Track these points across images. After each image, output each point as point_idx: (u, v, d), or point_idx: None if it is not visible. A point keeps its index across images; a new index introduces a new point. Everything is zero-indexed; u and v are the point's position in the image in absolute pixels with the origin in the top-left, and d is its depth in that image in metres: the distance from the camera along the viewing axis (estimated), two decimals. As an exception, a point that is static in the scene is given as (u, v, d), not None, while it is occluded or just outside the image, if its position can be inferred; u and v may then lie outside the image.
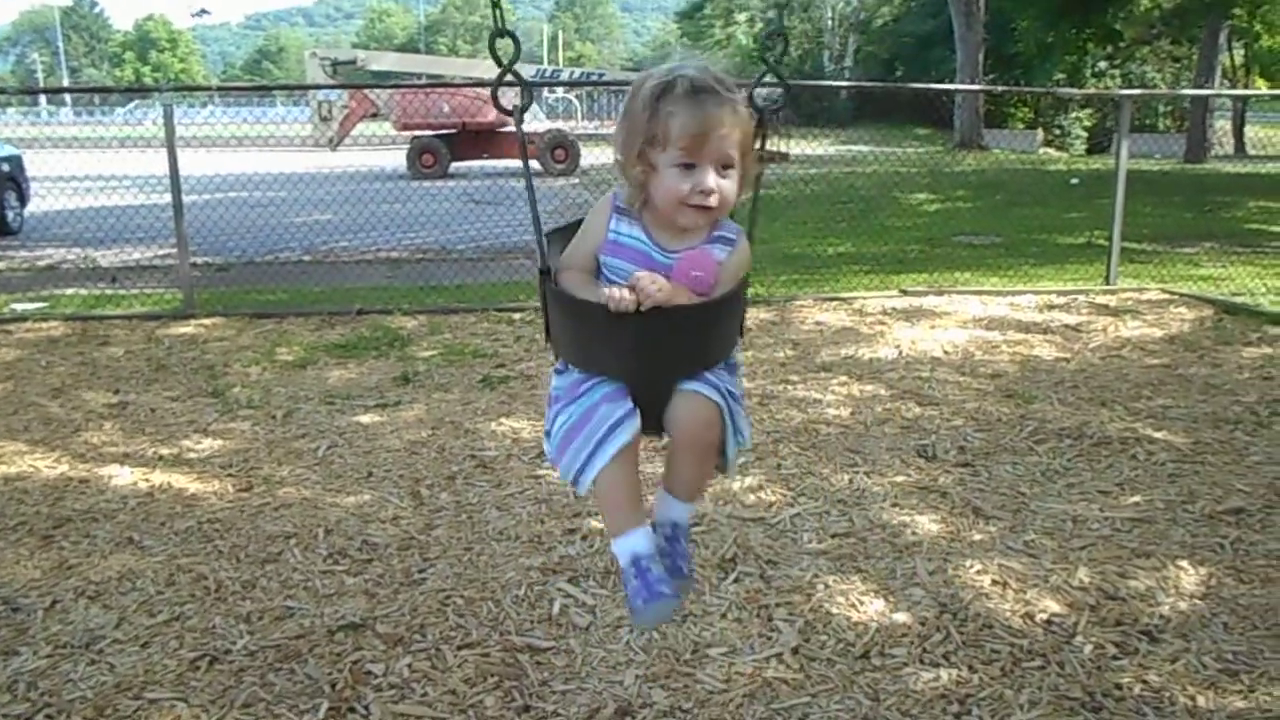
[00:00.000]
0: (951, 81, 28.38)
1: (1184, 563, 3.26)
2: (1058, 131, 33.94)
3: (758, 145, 1.87)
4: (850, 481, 3.99)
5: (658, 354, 1.79)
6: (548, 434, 1.91)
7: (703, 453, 1.89)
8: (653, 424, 1.86)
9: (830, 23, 53.28)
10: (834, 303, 7.52)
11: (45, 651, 2.81)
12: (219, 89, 17.44)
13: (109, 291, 8.58)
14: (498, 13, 1.93)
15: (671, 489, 1.96)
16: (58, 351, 6.22)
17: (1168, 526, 3.55)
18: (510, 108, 1.97)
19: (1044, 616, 2.94)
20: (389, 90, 24.41)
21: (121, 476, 4.13)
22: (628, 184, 1.83)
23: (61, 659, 2.78)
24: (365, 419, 4.83)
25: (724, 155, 1.76)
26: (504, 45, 1.90)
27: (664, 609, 1.84)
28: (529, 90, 2.09)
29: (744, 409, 1.94)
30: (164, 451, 4.43)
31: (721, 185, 1.77)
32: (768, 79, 2.06)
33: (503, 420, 4.78)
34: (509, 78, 1.92)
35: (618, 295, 1.71)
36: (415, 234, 12.05)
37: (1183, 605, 3.00)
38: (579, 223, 1.93)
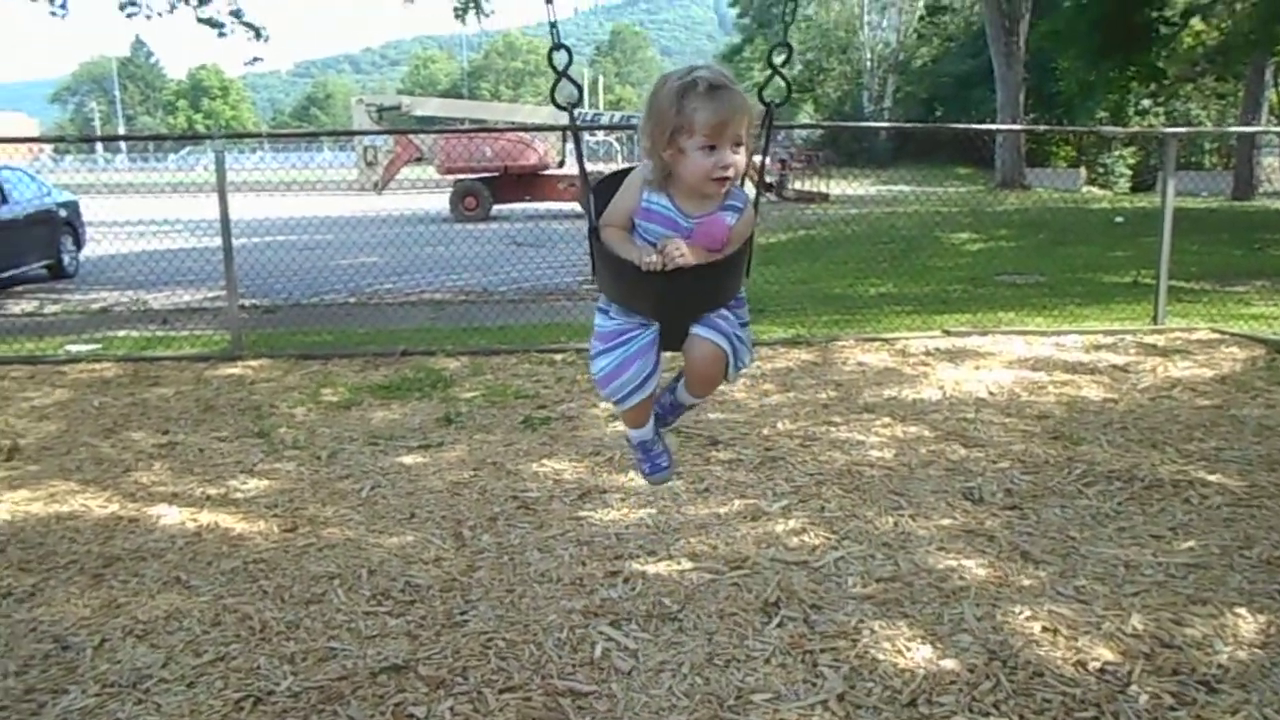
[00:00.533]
0: (992, 121, 28.32)
1: (1242, 610, 3.17)
2: (1101, 170, 33.67)
3: (762, 134, 2.35)
4: (895, 524, 3.94)
5: (679, 302, 2.30)
6: (593, 357, 2.40)
7: (711, 381, 2.46)
8: (674, 344, 2.37)
9: (869, 64, 53.53)
10: (876, 343, 7.47)
11: (94, 690, 2.84)
12: (268, 135, 17.87)
13: (160, 333, 8.76)
14: (555, 30, 2.33)
15: (688, 390, 2.55)
16: (110, 392, 6.35)
17: (1224, 572, 3.46)
18: (565, 104, 2.40)
19: (1097, 665, 2.87)
20: (433, 135, 24.84)
21: (170, 516, 4.19)
22: (655, 166, 2.23)
23: (109, 698, 2.80)
24: (408, 460, 4.87)
25: (736, 136, 2.18)
26: (559, 56, 2.31)
27: (664, 476, 2.69)
28: (580, 89, 2.46)
29: (748, 339, 2.41)
30: (211, 491, 4.49)
31: (736, 160, 2.19)
32: (777, 84, 2.45)
33: (544, 461, 4.79)
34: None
35: (649, 259, 2.18)
36: (458, 276, 12.21)
37: (1241, 654, 2.92)
38: (617, 176, 2.37)
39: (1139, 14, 21.13)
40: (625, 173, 2.37)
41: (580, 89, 2.45)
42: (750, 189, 2.37)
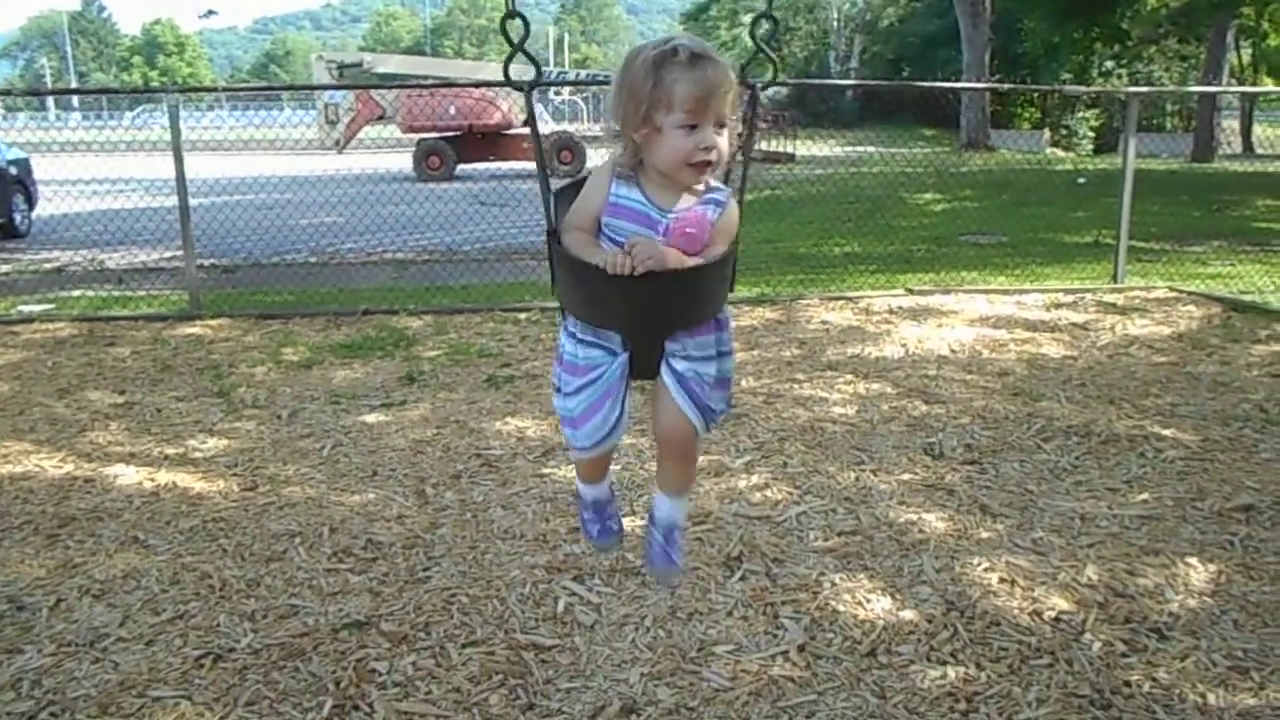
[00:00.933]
0: (958, 82, 28.36)
1: (1193, 560, 3.24)
2: (1064, 131, 33.88)
3: (748, 116, 2.08)
4: (856, 479, 3.97)
5: (651, 312, 1.94)
6: (564, 394, 2.07)
7: (685, 455, 2.14)
8: (647, 371, 2.04)
9: (836, 23, 53.32)
10: (840, 302, 7.50)
11: (50, 650, 2.81)
12: (225, 89, 17.50)
13: (116, 293, 8.60)
14: None
15: (664, 487, 2.22)
16: (64, 352, 6.23)
17: (1177, 524, 3.53)
18: (521, 82, 2.10)
19: (1052, 614, 2.92)
20: (395, 92, 24.44)
21: (127, 476, 4.13)
22: (626, 148, 1.94)
23: (66, 657, 2.78)
24: (370, 418, 4.83)
25: (720, 114, 1.89)
26: (514, 26, 2.06)
27: (613, 543, 2.42)
28: (538, 68, 2.16)
29: (727, 390, 2.09)
30: (169, 451, 4.43)
31: (718, 142, 1.90)
32: (759, 58, 2.17)
33: (508, 419, 4.77)
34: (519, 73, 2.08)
35: (615, 260, 1.85)
36: (421, 235, 12.08)
37: (1192, 603, 2.98)
38: (580, 183, 2.06)
39: (1104, -25, 21.19)
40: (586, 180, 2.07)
41: (539, 66, 2.13)
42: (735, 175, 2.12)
